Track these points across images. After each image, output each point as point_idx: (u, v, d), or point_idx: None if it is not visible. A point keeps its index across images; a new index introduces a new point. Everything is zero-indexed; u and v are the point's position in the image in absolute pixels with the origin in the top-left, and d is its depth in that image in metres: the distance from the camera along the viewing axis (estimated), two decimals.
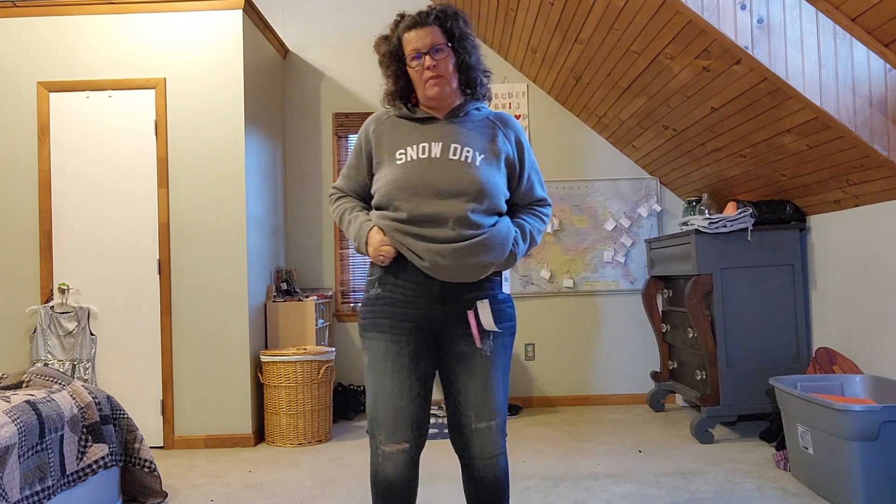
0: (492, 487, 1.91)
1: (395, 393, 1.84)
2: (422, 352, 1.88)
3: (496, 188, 1.86)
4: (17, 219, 3.99)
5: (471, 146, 1.87)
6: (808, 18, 2.80)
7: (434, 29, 1.85)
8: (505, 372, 1.92)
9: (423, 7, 1.92)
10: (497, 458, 1.90)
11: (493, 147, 1.91)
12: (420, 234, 1.81)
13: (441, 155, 1.84)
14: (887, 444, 2.57)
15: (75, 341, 3.91)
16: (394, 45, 1.90)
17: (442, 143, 1.86)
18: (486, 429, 1.87)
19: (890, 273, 3.17)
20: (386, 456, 1.86)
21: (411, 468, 1.88)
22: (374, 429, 1.87)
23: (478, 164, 1.85)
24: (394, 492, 1.87)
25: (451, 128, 1.90)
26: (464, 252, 1.80)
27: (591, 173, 4.94)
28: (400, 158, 1.86)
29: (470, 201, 1.81)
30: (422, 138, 1.88)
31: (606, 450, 3.65)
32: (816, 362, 3.55)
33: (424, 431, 1.90)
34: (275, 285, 4.53)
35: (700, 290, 3.77)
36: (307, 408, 3.94)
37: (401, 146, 1.88)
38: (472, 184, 1.81)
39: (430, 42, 1.84)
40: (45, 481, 2.44)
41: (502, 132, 1.95)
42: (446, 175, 1.82)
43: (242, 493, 3.11)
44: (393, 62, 1.91)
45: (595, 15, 3.47)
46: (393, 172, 1.85)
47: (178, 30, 4.01)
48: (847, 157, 3.04)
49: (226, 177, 3.99)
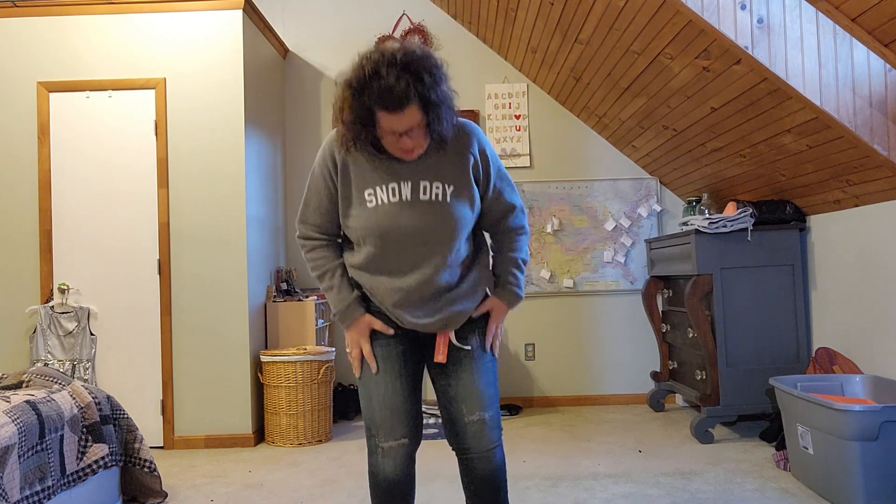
0: (489, 481, 1.92)
1: (389, 393, 1.88)
2: (409, 351, 1.93)
3: (468, 222, 1.84)
4: (17, 219, 3.99)
5: (439, 180, 1.80)
6: (808, 18, 2.80)
7: (413, 109, 1.65)
8: (493, 366, 1.95)
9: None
10: (493, 450, 1.91)
11: (461, 170, 1.83)
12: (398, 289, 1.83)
13: (412, 196, 1.78)
14: (887, 444, 2.57)
15: (75, 341, 3.91)
16: (362, 112, 1.67)
17: (411, 182, 1.79)
18: (480, 421, 1.88)
19: (890, 273, 3.16)
20: (385, 453, 1.88)
21: (409, 465, 1.91)
22: (370, 429, 1.90)
23: (448, 200, 1.80)
24: (393, 489, 1.90)
25: (416, 163, 1.80)
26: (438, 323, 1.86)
27: (591, 173, 4.94)
28: (370, 201, 1.79)
29: (446, 240, 1.81)
30: (390, 177, 1.79)
31: (606, 450, 3.65)
32: (816, 362, 3.55)
33: (419, 428, 1.93)
34: (275, 285, 4.53)
35: (700, 290, 3.77)
36: (307, 408, 3.94)
37: (368, 185, 1.80)
38: (446, 224, 1.80)
39: (407, 124, 1.67)
40: (45, 481, 2.44)
41: (468, 149, 1.84)
42: (420, 221, 1.78)
43: (242, 493, 3.11)
44: (357, 122, 1.69)
45: (595, 15, 3.47)
46: (365, 218, 1.79)
47: (178, 30, 4.01)
48: (847, 157, 3.04)
49: (226, 177, 3.99)
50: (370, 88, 1.63)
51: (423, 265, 1.82)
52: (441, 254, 1.82)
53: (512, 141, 4.94)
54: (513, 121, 4.95)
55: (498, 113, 4.96)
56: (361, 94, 1.65)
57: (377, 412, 1.88)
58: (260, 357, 4.05)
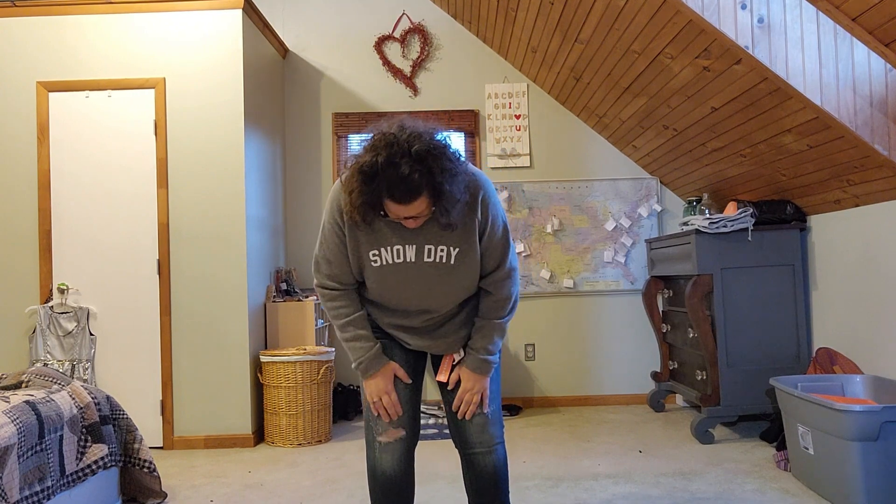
0: (491, 478, 1.94)
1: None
2: (410, 352, 1.99)
3: (474, 282, 1.88)
4: (17, 219, 3.99)
5: (444, 243, 1.80)
6: (809, 18, 2.80)
7: (422, 200, 1.65)
8: (496, 365, 1.99)
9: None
10: (495, 447, 1.94)
11: (466, 232, 1.81)
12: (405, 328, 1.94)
13: (416, 258, 1.80)
14: (888, 445, 2.57)
15: (75, 341, 3.91)
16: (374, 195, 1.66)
17: (415, 246, 1.80)
18: (482, 416, 1.92)
19: (890, 273, 3.16)
20: (383, 448, 1.91)
21: (407, 461, 1.93)
22: (370, 422, 1.94)
23: (453, 262, 1.81)
24: (391, 483, 1.92)
25: (423, 227, 1.79)
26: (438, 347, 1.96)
27: (592, 173, 4.94)
28: (375, 261, 1.82)
29: (450, 301, 1.88)
30: (394, 239, 1.80)
31: (607, 450, 3.65)
32: (817, 362, 3.55)
33: (418, 423, 1.98)
34: (274, 285, 4.52)
35: (700, 290, 3.76)
36: (307, 408, 3.94)
37: (373, 246, 1.82)
38: (450, 287, 1.84)
39: (415, 212, 1.68)
40: (44, 482, 2.43)
41: (474, 211, 1.81)
42: (424, 279, 1.82)
43: (242, 493, 3.11)
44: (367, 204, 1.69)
45: (595, 15, 3.47)
46: (372, 276, 1.84)
47: (178, 30, 4.01)
48: (847, 157, 3.04)
49: (226, 177, 3.99)
50: (382, 177, 1.63)
51: (429, 313, 1.89)
52: (447, 307, 1.89)
53: (512, 141, 4.94)
54: (513, 121, 4.95)
55: (498, 113, 4.95)
56: (373, 181, 1.64)
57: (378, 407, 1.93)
58: (259, 357, 4.04)
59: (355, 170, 1.69)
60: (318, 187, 4.98)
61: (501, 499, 1.98)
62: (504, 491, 1.97)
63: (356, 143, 5.06)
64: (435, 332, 1.93)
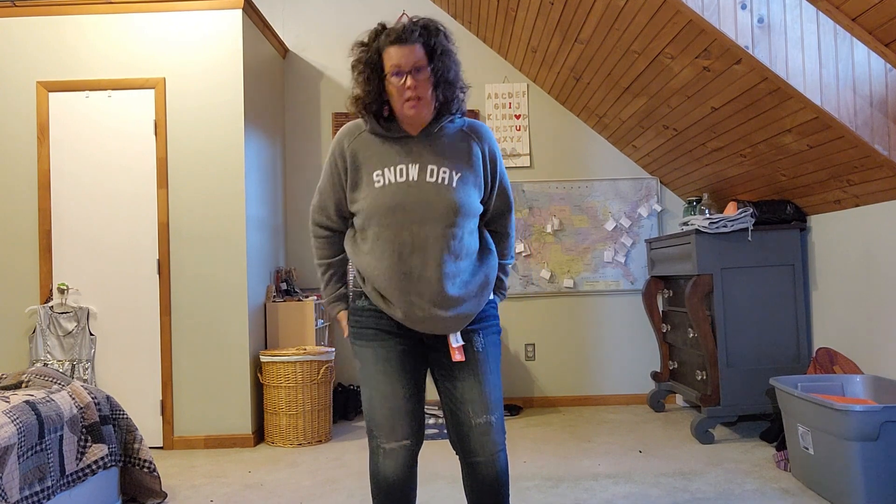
0: (493, 486, 1.92)
1: (389, 394, 1.88)
2: (410, 351, 1.93)
3: (471, 208, 1.89)
4: (17, 219, 3.99)
5: (446, 166, 1.87)
6: (809, 18, 2.80)
7: (417, 47, 1.81)
8: (497, 368, 1.96)
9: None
10: (497, 454, 1.91)
11: (468, 162, 1.91)
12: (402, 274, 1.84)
13: (418, 177, 1.85)
14: (888, 445, 2.57)
15: (75, 341, 3.91)
16: (372, 56, 1.84)
17: (418, 165, 1.86)
18: (486, 424, 1.88)
19: (890, 273, 3.16)
20: (387, 454, 1.89)
21: (410, 465, 1.91)
22: (372, 430, 1.91)
23: (454, 185, 1.86)
24: (394, 490, 1.90)
25: (425, 145, 1.88)
26: (442, 323, 1.87)
27: (591, 173, 4.94)
28: (378, 181, 1.86)
29: (448, 224, 1.84)
30: (398, 159, 1.87)
31: (607, 450, 3.65)
32: (817, 362, 3.55)
33: (422, 428, 1.94)
34: (274, 285, 4.52)
35: (700, 290, 3.76)
36: (307, 408, 3.94)
37: (377, 167, 1.87)
38: (449, 207, 1.84)
39: (412, 61, 1.80)
40: (44, 482, 2.43)
41: (477, 144, 1.94)
42: (424, 200, 1.84)
43: (242, 493, 3.11)
44: (367, 68, 1.85)
45: (595, 15, 3.47)
46: (373, 196, 1.86)
47: (178, 30, 4.01)
48: (847, 157, 3.04)
49: (226, 177, 3.99)
50: (381, 35, 1.84)
51: (427, 247, 1.83)
52: (444, 236, 1.84)
53: (512, 141, 4.94)
54: (513, 121, 4.95)
55: (498, 113, 4.95)
56: (375, 41, 1.84)
57: (378, 413, 1.89)
58: (259, 357, 4.04)
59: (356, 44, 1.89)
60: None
61: (501, 502, 1.96)
62: (505, 498, 1.95)
63: None
64: (437, 297, 1.84)
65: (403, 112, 1.84)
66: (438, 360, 1.95)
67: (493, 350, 1.96)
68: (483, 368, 1.91)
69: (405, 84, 1.80)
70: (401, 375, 1.90)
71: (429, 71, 1.83)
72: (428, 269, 1.83)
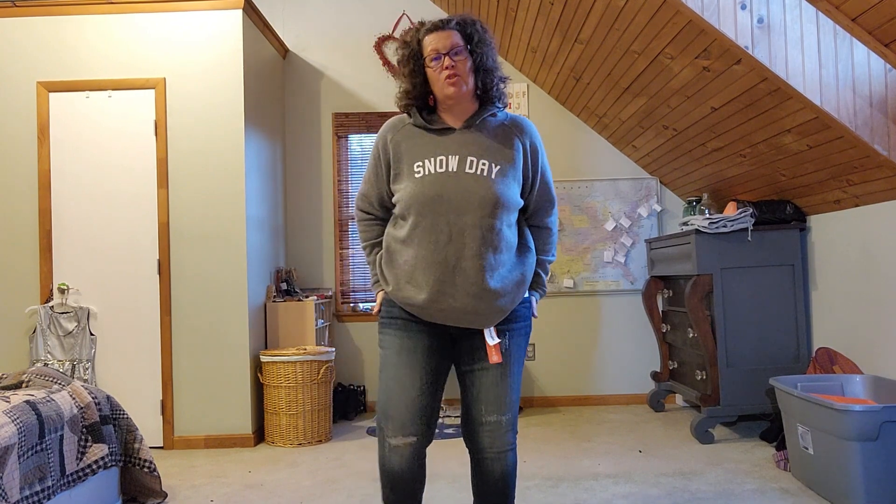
0: (499, 482, 1.96)
1: (407, 386, 1.89)
2: (436, 347, 1.95)
3: (510, 200, 1.90)
4: (17, 219, 3.99)
5: (486, 158, 1.90)
6: (809, 18, 2.80)
7: (453, 32, 1.90)
8: (519, 370, 1.98)
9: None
10: (506, 453, 1.95)
11: (509, 155, 1.93)
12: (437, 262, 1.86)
13: (458, 168, 1.88)
14: (887, 445, 2.57)
15: (75, 341, 3.91)
16: (413, 48, 1.94)
17: (458, 157, 1.89)
18: (497, 423, 1.92)
19: (890, 273, 3.16)
20: (392, 449, 1.90)
21: (417, 460, 1.92)
22: (382, 421, 1.92)
23: (493, 177, 1.88)
24: (400, 482, 1.93)
25: (467, 138, 1.92)
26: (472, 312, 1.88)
27: (591, 173, 4.94)
28: (418, 171, 1.90)
29: (485, 215, 1.86)
30: (438, 150, 1.91)
31: (606, 450, 3.65)
32: (817, 362, 3.55)
33: (433, 425, 1.95)
34: (275, 285, 4.53)
35: (700, 290, 3.76)
36: (307, 408, 3.94)
37: (418, 158, 1.91)
38: (487, 197, 1.86)
39: (449, 44, 1.88)
40: (44, 481, 2.43)
41: (518, 139, 1.97)
42: (463, 190, 1.86)
43: (242, 493, 3.11)
44: (411, 61, 1.94)
45: (595, 15, 3.47)
46: (413, 186, 1.89)
47: (178, 30, 4.01)
48: (847, 157, 3.04)
49: (226, 177, 3.99)
50: (419, 30, 1.94)
51: (465, 238, 1.85)
52: (482, 227, 1.85)
53: None
54: None
55: None
56: (415, 35, 1.94)
57: (391, 404, 1.90)
58: (260, 357, 4.05)
59: (399, 43, 2.01)
60: (318, 187, 4.98)
61: (507, 500, 1.99)
62: (511, 496, 1.98)
63: (356, 143, 5.06)
64: (470, 288, 1.85)
65: (444, 92, 1.90)
66: (462, 356, 1.97)
67: (518, 353, 1.99)
68: (505, 371, 1.94)
69: (444, 64, 1.88)
70: (422, 369, 1.91)
71: (466, 53, 1.90)
72: (466, 260, 1.85)
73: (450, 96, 1.90)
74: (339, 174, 5.02)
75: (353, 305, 4.96)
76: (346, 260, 4.99)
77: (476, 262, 1.85)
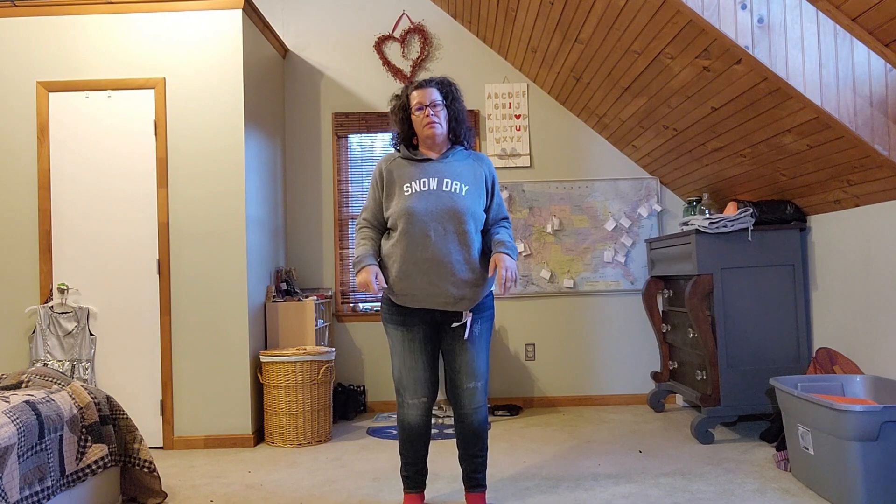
0: (475, 431, 2.70)
1: (413, 366, 2.66)
2: (427, 335, 2.68)
3: (477, 212, 2.59)
4: (17, 219, 3.99)
5: (458, 180, 2.58)
6: (809, 18, 2.80)
7: (434, 90, 2.62)
8: (487, 347, 2.70)
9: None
10: (478, 409, 2.69)
11: (473, 179, 2.63)
12: (423, 259, 2.51)
13: (437, 187, 2.55)
14: (888, 445, 2.57)
15: (75, 341, 3.91)
16: (403, 101, 2.66)
17: (437, 178, 2.57)
18: (473, 388, 2.67)
19: (890, 273, 3.16)
20: (410, 407, 2.69)
21: (427, 414, 2.72)
22: (400, 390, 2.69)
23: (464, 194, 2.56)
24: (414, 431, 2.72)
25: (443, 165, 2.62)
26: (449, 300, 2.56)
27: (591, 173, 4.94)
28: (407, 190, 2.56)
29: (459, 222, 2.53)
30: (422, 175, 2.58)
31: (606, 450, 3.65)
32: (817, 362, 3.55)
33: (436, 389, 2.74)
34: (274, 285, 4.52)
35: (700, 290, 3.76)
36: (307, 408, 3.94)
37: (406, 180, 2.58)
38: (460, 208, 2.53)
39: (429, 99, 2.59)
40: (44, 482, 2.43)
41: (479, 168, 2.67)
42: (441, 202, 2.53)
43: (242, 493, 3.11)
44: (401, 111, 2.66)
45: (595, 15, 3.47)
46: (402, 201, 2.54)
47: (178, 30, 4.01)
48: (847, 157, 3.04)
49: (225, 177, 3.99)
50: (408, 87, 2.66)
51: (445, 239, 2.51)
52: (457, 232, 2.51)
53: (512, 141, 4.94)
54: (513, 121, 4.95)
55: (498, 113, 4.95)
56: (405, 91, 2.66)
57: (405, 379, 2.68)
58: (259, 357, 4.04)
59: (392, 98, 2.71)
60: (318, 187, 4.98)
61: (481, 447, 2.72)
62: (483, 441, 2.72)
63: (356, 143, 5.06)
64: (447, 278, 2.51)
65: (424, 133, 2.60)
66: (445, 339, 2.69)
67: (486, 334, 2.69)
68: (476, 347, 2.65)
69: (425, 113, 2.58)
70: (421, 352, 2.66)
71: (442, 107, 2.62)
72: (445, 256, 2.49)
73: (429, 136, 2.60)
74: (339, 174, 5.02)
75: (353, 305, 4.96)
76: (346, 260, 4.99)
77: (455, 257, 2.50)
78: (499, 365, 4.89)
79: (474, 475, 2.75)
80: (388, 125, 4.96)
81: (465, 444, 2.73)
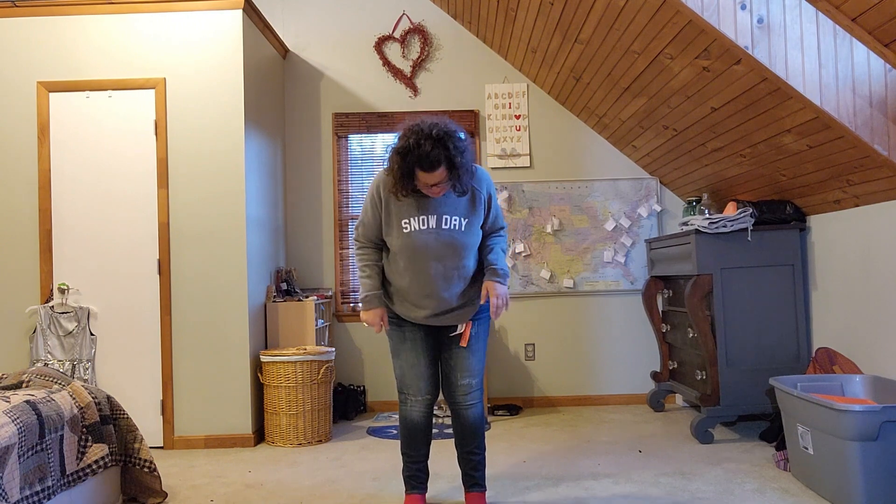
0: (471, 426, 2.73)
1: (414, 364, 2.71)
2: (427, 336, 2.73)
3: (474, 244, 2.61)
4: (17, 219, 3.99)
5: (457, 215, 2.55)
6: (809, 18, 2.80)
7: (442, 171, 2.38)
8: (483, 347, 2.75)
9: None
10: (474, 405, 2.72)
11: (472, 206, 2.59)
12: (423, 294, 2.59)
13: (436, 226, 2.53)
14: (887, 445, 2.57)
15: (75, 341, 3.91)
16: (407, 168, 2.38)
17: (436, 216, 2.52)
18: (468, 384, 2.70)
19: (890, 273, 3.16)
20: (413, 403, 2.73)
21: (429, 411, 2.75)
22: (402, 388, 2.73)
23: (463, 229, 2.56)
24: (416, 428, 2.74)
25: (441, 201, 2.54)
26: (448, 320, 2.66)
27: (591, 173, 4.94)
28: (405, 227, 2.53)
29: (458, 257, 2.57)
30: (420, 211, 2.52)
31: (606, 450, 3.65)
32: (816, 362, 3.55)
33: (437, 386, 2.77)
34: (275, 285, 4.53)
35: (700, 290, 3.76)
36: (307, 408, 3.94)
37: (405, 216, 2.53)
38: (459, 245, 2.56)
39: (437, 179, 2.39)
40: (44, 481, 2.43)
41: (478, 191, 2.59)
42: (441, 242, 2.53)
43: (242, 493, 3.11)
44: (404, 177, 2.40)
45: (595, 15, 3.47)
46: (403, 240, 2.53)
47: (178, 30, 4.01)
48: (847, 157, 3.04)
49: (225, 177, 3.99)
50: (412, 154, 2.35)
51: (444, 274, 2.56)
52: (455, 267, 2.58)
53: (512, 141, 4.94)
54: (513, 121, 4.95)
55: (498, 113, 4.95)
56: (406, 158, 2.37)
57: (408, 377, 2.72)
58: (260, 357, 4.05)
59: (393, 152, 2.42)
60: (318, 187, 4.98)
61: (477, 444, 2.74)
62: (480, 435, 2.74)
63: (356, 144, 5.07)
64: (444, 304, 2.60)
65: (430, 194, 2.47)
66: (443, 341, 2.76)
67: (483, 334, 2.74)
68: (472, 347, 2.70)
69: (430, 190, 2.44)
70: (421, 351, 2.70)
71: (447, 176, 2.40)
72: (445, 291, 2.58)
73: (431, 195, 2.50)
74: (339, 174, 5.02)
75: (352, 305, 4.96)
76: (346, 260, 4.99)
77: (454, 291, 2.60)
78: (499, 365, 4.89)
79: (472, 474, 2.76)
80: (388, 125, 4.96)
81: (461, 442, 2.75)
